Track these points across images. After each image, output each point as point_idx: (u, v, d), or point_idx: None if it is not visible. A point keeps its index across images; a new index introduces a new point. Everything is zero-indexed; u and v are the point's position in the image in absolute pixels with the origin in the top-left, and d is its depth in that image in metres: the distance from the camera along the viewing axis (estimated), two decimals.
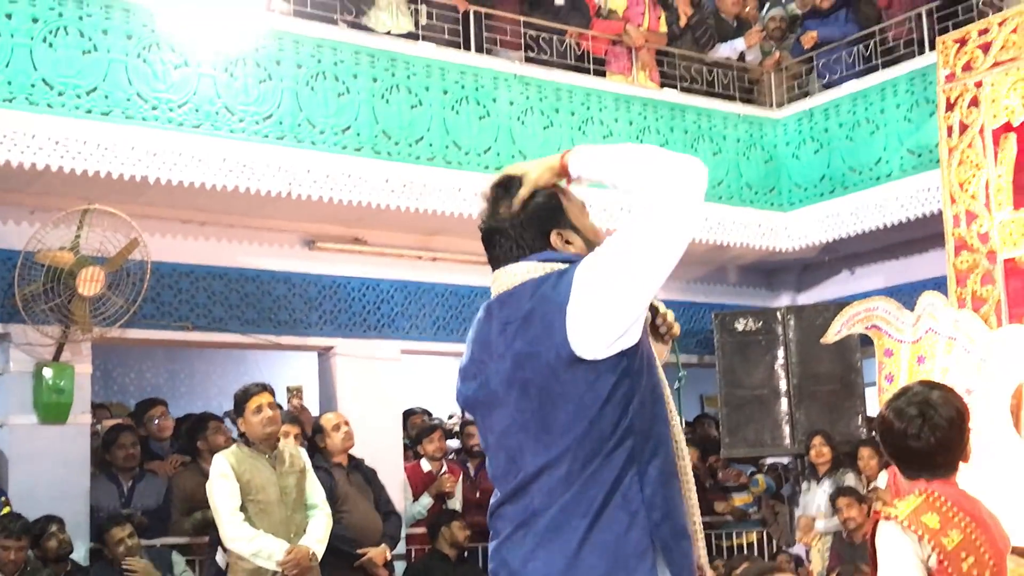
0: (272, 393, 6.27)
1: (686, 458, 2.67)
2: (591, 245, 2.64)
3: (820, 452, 8.68)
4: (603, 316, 2.46)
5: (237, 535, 5.93)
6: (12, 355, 7.50)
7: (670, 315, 2.85)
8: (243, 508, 5.97)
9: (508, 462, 2.60)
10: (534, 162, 2.72)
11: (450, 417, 10.47)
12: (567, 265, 2.58)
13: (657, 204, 2.47)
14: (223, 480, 5.98)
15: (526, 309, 2.56)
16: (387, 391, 8.97)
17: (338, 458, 7.25)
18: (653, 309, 2.83)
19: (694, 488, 2.68)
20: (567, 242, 2.68)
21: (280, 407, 6.48)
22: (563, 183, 2.72)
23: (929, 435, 3.16)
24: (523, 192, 2.67)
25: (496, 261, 2.71)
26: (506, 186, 2.71)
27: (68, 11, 7.12)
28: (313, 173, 7.85)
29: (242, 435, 6.24)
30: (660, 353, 2.72)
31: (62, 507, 7.19)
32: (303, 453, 6.48)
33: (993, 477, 5.86)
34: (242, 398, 6.19)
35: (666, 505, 2.51)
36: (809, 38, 10.18)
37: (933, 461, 3.18)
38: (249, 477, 6.01)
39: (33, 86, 6.94)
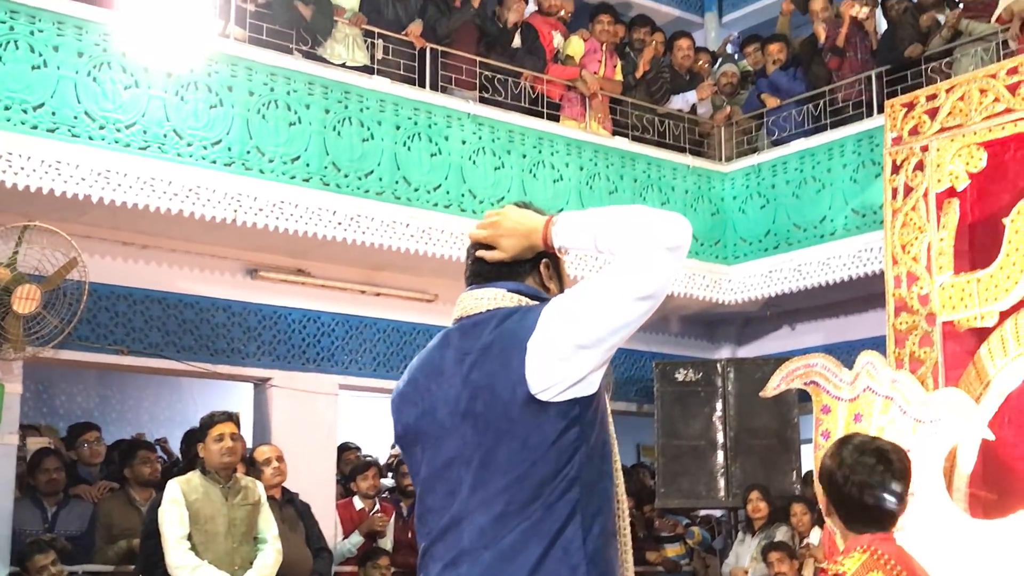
0: (237, 424, 6.26)
1: (626, 519, 2.61)
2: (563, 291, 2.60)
3: (757, 507, 8.70)
4: (564, 359, 2.41)
5: (180, 563, 5.91)
6: None
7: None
8: (190, 536, 5.93)
9: (445, 496, 2.51)
10: (511, 225, 2.58)
11: (390, 458, 10.34)
12: (535, 302, 2.54)
13: (637, 255, 2.39)
14: (173, 506, 5.96)
15: (486, 341, 2.50)
16: (323, 425, 8.86)
17: (271, 491, 7.14)
18: None
19: (631, 550, 2.62)
20: (550, 277, 2.64)
21: (242, 439, 6.41)
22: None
23: (890, 482, 3.12)
24: (493, 256, 2.59)
25: (472, 276, 2.66)
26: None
27: (19, 25, 7.03)
28: (260, 201, 7.78)
29: (200, 459, 6.18)
30: None
31: None
32: (260, 486, 6.42)
33: (923, 539, 5.88)
34: (206, 423, 6.17)
35: (606, 565, 2.45)
36: (770, 99, 10.28)
37: (883, 513, 3.15)
38: (199, 506, 5.98)
39: None
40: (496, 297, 2.57)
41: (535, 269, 2.62)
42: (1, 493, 7.39)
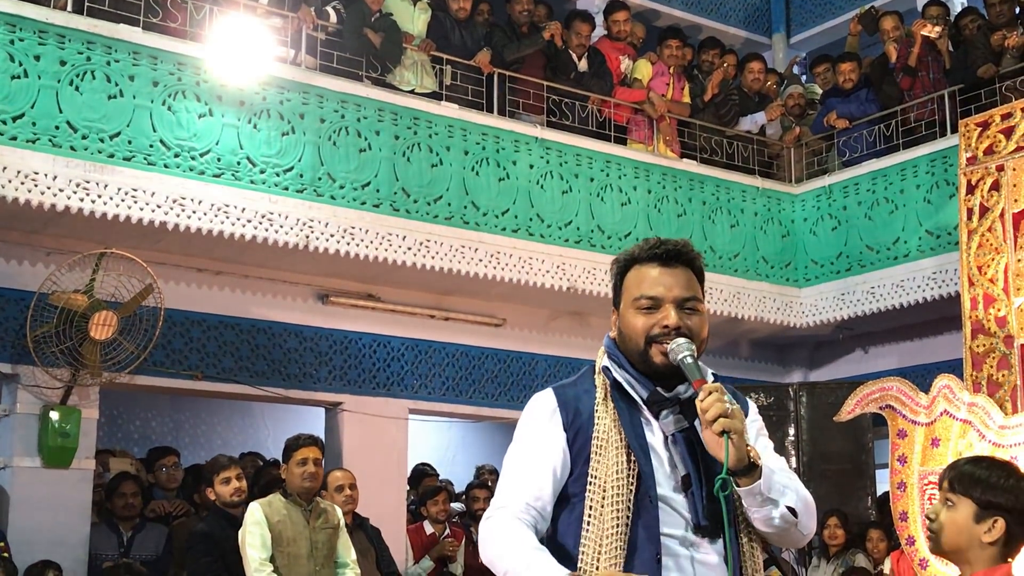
0: (321, 449, 6.30)
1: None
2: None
3: (834, 533, 8.56)
4: None
5: None
6: (20, 396, 7.45)
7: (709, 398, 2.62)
8: (272, 559, 5.94)
9: None
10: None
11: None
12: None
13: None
14: (255, 528, 5.97)
15: None
16: (393, 449, 8.89)
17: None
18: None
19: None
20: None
21: (322, 466, 6.45)
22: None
23: None
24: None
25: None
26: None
27: (96, 55, 7.17)
28: (331, 227, 7.85)
29: (281, 481, 6.25)
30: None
31: (61, 552, 7.11)
32: (339, 510, 6.45)
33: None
34: (292, 446, 6.20)
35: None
36: (839, 121, 10.17)
37: None
38: (282, 528, 5.99)
39: (57, 128, 6.97)
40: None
41: None
42: (78, 517, 7.50)
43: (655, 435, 2.70)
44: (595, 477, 2.65)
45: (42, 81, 6.97)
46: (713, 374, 2.76)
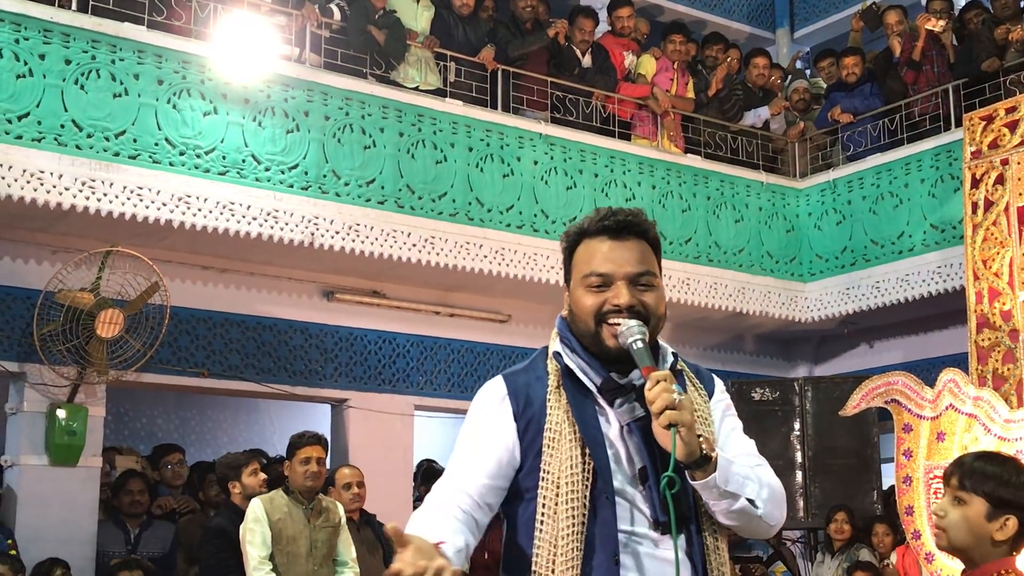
0: (325, 448, 6.31)
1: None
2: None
3: (841, 528, 8.56)
4: None
5: None
6: (26, 394, 7.47)
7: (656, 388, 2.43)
8: (272, 556, 5.96)
9: None
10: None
11: None
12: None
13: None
14: (256, 525, 5.99)
15: None
16: (399, 446, 8.91)
17: (349, 514, 7.17)
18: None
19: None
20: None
21: (326, 465, 6.46)
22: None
23: None
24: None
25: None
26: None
27: (101, 54, 7.18)
28: (336, 224, 7.86)
29: (284, 478, 6.28)
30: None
31: (68, 550, 7.13)
32: (340, 508, 6.46)
33: None
34: (295, 444, 6.23)
35: None
36: (843, 115, 10.16)
37: None
38: (283, 526, 6.02)
39: (62, 127, 6.98)
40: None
41: None
42: (85, 515, 7.52)
43: (611, 425, 2.53)
44: (548, 472, 2.50)
45: (47, 80, 6.98)
46: (674, 354, 2.64)
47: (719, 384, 2.73)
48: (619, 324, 2.49)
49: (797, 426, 9.60)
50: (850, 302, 9.75)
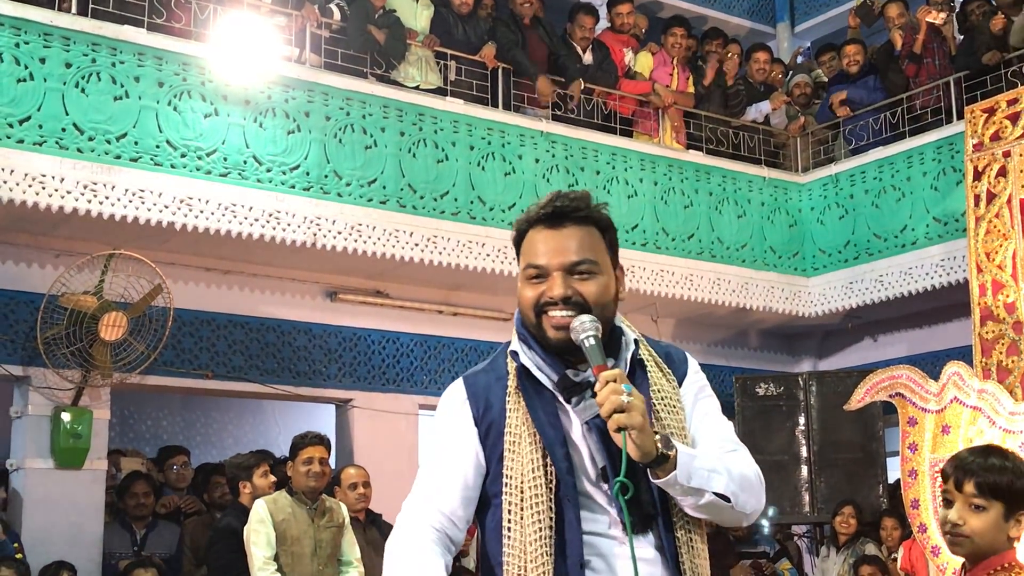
0: (328, 448, 6.31)
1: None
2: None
3: (847, 523, 8.56)
4: None
5: None
6: (31, 398, 7.48)
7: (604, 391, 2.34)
8: (276, 557, 5.97)
9: None
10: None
11: None
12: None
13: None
14: (260, 526, 6.00)
15: None
16: (404, 445, 8.91)
17: (354, 514, 7.18)
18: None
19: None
20: None
21: (329, 465, 6.46)
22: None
23: None
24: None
25: None
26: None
27: (101, 57, 7.18)
28: (338, 224, 7.86)
29: (287, 479, 6.29)
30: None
31: (75, 553, 7.14)
32: (343, 508, 6.47)
33: None
34: (298, 444, 6.23)
35: None
36: (839, 101, 10.14)
37: None
38: (286, 526, 6.02)
39: (64, 130, 6.98)
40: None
41: None
42: (91, 517, 7.53)
43: (573, 423, 2.45)
44: (510, 478, 2.42)
45: (48, 84, 6.99)
46: (636, 340, 2.54)
47: (692, 365, 2.64)
48: (557, 316, 2.42)
49: (802, 421, 9.60)
50: (853, 296, 9.75)
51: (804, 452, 9.54)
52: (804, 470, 9.51)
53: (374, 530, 7.30)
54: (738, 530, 9.65)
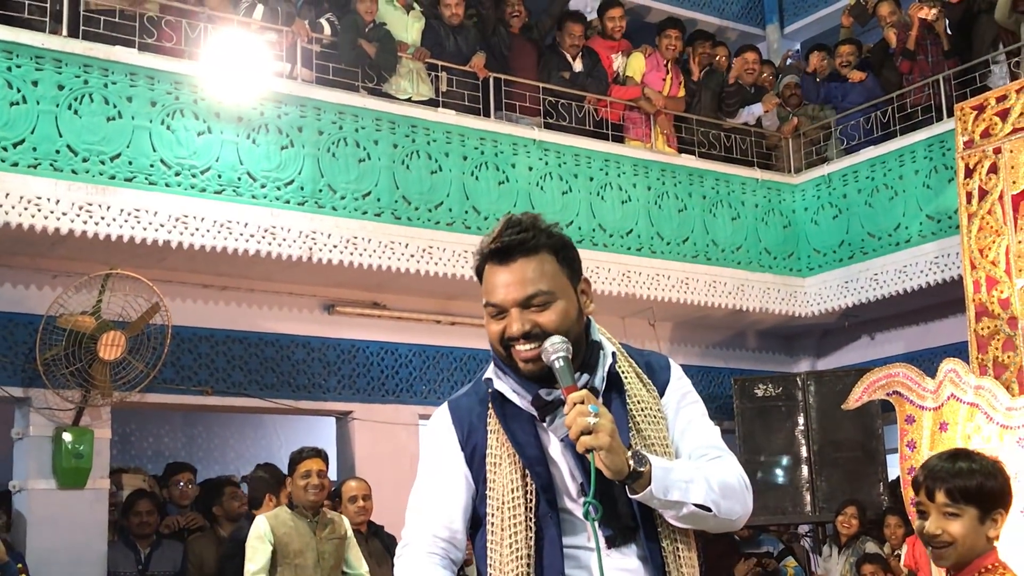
0: (325, 461, 6.33)
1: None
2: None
3: (849, 522, 8.57)
4: None
5: None
6: (32, 419, 7.50)
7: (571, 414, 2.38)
8: (280, 571, 6.00)
9: None
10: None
11: None
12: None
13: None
14: (257, 543, 6.03)
15: None
16: (405, 456, 8.91)
17: (356, 526, 7.20)
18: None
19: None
20: None
21: (328, 476, 6.49)
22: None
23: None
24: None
25: None
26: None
27: (93, 78, 7.21)
28: (333, 238, 7.89)
29: (288, 495, 6.33)
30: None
31: (80, 572, 7.17)
32: (346, 521, 6.50)
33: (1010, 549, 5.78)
34: (295, 459, 6.26)
35: None
36: (854, 73, 10.16)
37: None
38: (289, 540, 6.04)
39: (58, 152, 7.01)
40: None
41: None
42: (95, 536, 7.55)
43: (552, 441, 2.50)
44: (492, 499, 2.50)
45: (41, 106, 7.02)
46: (614, 352, 2.57)
47: (675, 371, 2.66)
48: (523, 351, 2.46)
49: (801, 421, 9.64)
50: (849, 295, 9.78)
51: (804, 452, 9.57)
52: (805, 470, 9.54)
53: (376, 542, 7.33)
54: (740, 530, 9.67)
